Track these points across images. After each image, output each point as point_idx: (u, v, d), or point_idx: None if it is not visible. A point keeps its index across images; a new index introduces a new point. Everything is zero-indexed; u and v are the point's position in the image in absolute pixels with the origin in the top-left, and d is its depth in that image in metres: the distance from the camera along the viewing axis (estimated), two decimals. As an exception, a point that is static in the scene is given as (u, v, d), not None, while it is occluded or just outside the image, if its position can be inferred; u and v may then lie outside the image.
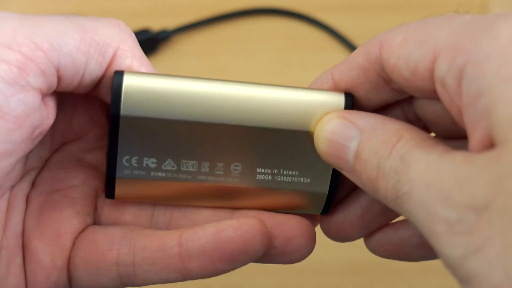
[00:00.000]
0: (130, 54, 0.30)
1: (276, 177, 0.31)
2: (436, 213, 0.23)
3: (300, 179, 0.31)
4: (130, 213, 0.32)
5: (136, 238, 0.31)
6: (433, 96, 0.27)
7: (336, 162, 0.29)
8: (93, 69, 0.29)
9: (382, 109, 0.31)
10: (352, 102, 0.30)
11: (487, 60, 0.24)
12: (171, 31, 0.57)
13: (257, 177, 0.31)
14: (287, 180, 0.31)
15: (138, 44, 0.30)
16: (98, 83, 0.30)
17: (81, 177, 0.33)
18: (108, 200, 0.33)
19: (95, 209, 0.33)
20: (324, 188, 0.31)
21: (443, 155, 0.24)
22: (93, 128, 0.33)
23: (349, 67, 0.30)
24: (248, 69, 0.57)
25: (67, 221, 0.32)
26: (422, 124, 0.31)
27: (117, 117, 0.30)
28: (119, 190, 0.31)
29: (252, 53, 0.57)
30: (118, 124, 0.30)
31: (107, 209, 0.33)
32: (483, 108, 0.23)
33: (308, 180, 0.31)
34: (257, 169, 0.31)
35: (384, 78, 0.29)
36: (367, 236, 0.33)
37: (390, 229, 0.32)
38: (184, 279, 0.30)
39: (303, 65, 0.57)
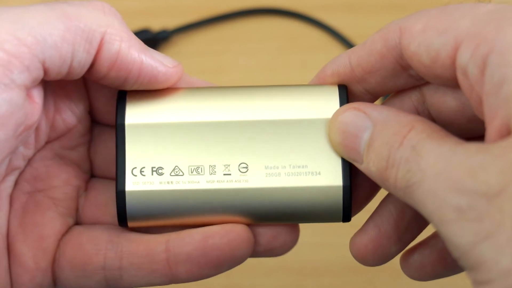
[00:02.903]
0: (118, 37, 0.29)
1: (285, 173, 0.31)
2: (446, 201, 0.23)
3: (310, 172, 0.31)
4: (111, 215, 0.32)
5: (122, 242, 0.31)
6: (452, 84, 0.27)
7: (349, 153, 0.29)
8: (81, 56, 0.29)
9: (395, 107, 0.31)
10: (346, 93, 0.31)
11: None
12: (171, 31, 0.57)
13: (266, 176, 0.31)
14: (297, 174, 0.31)
15: (125, 24, 0.30)
16: (90, 68, 0.30)
17: (63, 177, 0.32)
18: (89, 200, 0.33)
19: (76, 209, 0.33)
20: (337, 180, 0.31)
21: (455, 146, 0.25)
22: (77, 124, 0.32)
23: (367, 52, 0.30)
24: (248, 68, 0.57)
25: (50, 223, 0.31)
26: None
27: (123, 127, 0.30)
28: (130, 211, 0.30)
29: (252, 53, 0.57)
30: (124, 134, 0.30)
31: (88, 210, 0.33)
32: (505, 96, 0.23)
33: (319, 172, 0.31)
34: (265, 166, 0.31)
35: (402, 64, 0.29)
36: (405, 257, 0.32)
37: (433, 239, 0.31)
38: (170, 282, 0.31)
39: (303, 65, 0.57)
